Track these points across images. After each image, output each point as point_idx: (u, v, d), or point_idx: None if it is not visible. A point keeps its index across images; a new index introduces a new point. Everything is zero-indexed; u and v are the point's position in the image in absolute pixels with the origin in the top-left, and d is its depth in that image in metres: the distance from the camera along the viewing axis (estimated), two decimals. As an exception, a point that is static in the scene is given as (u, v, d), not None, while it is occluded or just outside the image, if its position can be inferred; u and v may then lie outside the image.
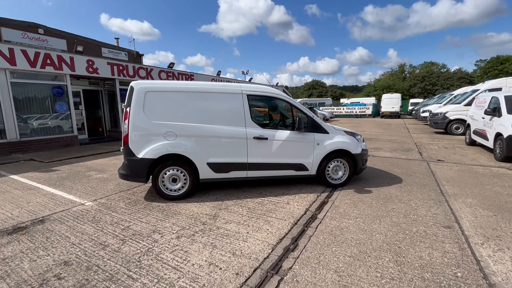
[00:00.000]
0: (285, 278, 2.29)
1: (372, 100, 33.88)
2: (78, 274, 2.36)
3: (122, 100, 11.46)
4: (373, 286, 2.15)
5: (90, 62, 9.91)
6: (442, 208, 3.75)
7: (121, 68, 11.01)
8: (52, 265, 2.51)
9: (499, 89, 11.10)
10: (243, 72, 36.51)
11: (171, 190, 4.18)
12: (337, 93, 63.29)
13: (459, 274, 2.29)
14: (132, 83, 4.08)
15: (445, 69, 54.42)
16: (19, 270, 2.44)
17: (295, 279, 2.26)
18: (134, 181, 4.20)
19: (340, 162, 4.73)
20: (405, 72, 60.66)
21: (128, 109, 4.00)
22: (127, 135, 3.99)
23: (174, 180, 4.18)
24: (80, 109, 10.59)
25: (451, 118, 12.34)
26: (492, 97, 7.97)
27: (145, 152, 3.98)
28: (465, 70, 49.80)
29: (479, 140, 8.43)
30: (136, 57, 21.15)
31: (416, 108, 25.48)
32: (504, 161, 6.57)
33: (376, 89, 47.16)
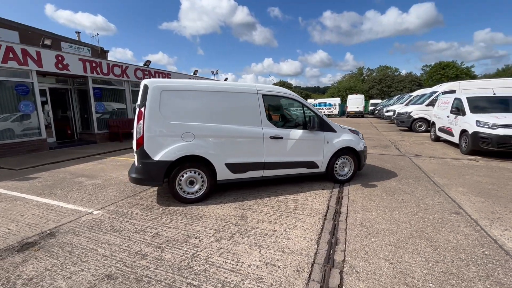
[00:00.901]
0: (344, 270, 2.39)
1: (337, 100, 35.83)
2: (130, 287, 2.19)
3: (96, 100, 10.58)
4: (425, 269, 2.36)
5: (60, 58, 8.93)
6: (442, 197, 4.20)
7: (94, 65, 10.11)
8: (94, 280, 2.28)
9: (453, 91, 12.65)
10: (212, 72, 36.04)
11: (188, 193, 4.03)
12: (303, 94, 65.74)
13: (486, 252, 2.63)
14: (145, 82, 3.84)
15: (397, 73, 59.95)
16: (56, 289, 2.18)
17: (354, 270, 2.38)
18: (149, 185, 3.97)
19: (346, 159, 5.01)
20: (364, 75, 65.43)
21: (142, 109, 3.76)
22: (142, 137, 3.75)
23: (191, 183, 4.04)
24: (46, 110, 9.50)
25: (415, 117, 13.70)
26: (455, 99, 9.05)
27: (162, 154, 3.79)
28: (414, 74, 55.43)
29: (444, 136, 9.50)
30: (100, 53, 19.54)
31: (378, 108, 27.71)
32: (470, 154, 7.53)
33: (340, 90, 50.06)
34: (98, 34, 23.94)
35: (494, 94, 8.45)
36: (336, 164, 4.92)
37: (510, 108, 8.05)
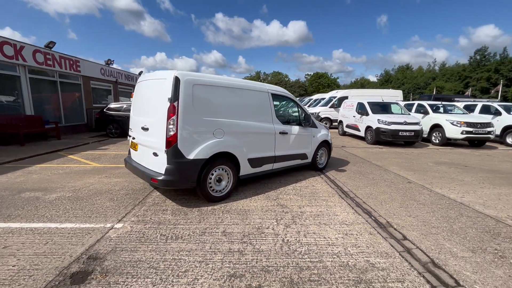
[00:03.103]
0: (395, 227, 3.25)
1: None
2: (265, 277, 2.26)
3: (-24, 88, 7.49)
4: (433, 217, 3.53)
5: None
6: (392, 173, 5.84)
7: (-28, 38, 7.08)
8: (222, 283, 2.18)
9: (346, 97, 16.41)
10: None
11: (216, 191, 3.94)
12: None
13: (447, 202, 4.12)
14: (175, 73, 3.47)
15: (287, 79, 69.72)
16: (195, 301, 1.98)
17: (400, 226, 3.28)
18: (182, 187, 3.63)
19: (323, 150, 6.04)
20: (261, 78, 72.30)
21: (175, 104, 3.40)
22: (175, 134, 3.39)
23: (218, 180, 3.97)
24: None
25: (322, 116, 16.85)
26: (358, 103, 11.95)
27: (197, 152, 3.57)
28: (301, 81, 66.02)
29: (351, 131, 12.35)
30: None
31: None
32: (374, 144, 10.28)
33: (243, 91, 53.46)
34: None
35: (383, 100, 11.77)
36: (317, 154, 5.87)
37: (389, 110, 11.47)
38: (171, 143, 3.41)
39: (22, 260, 2.44)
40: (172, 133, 3.40)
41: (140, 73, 18.89)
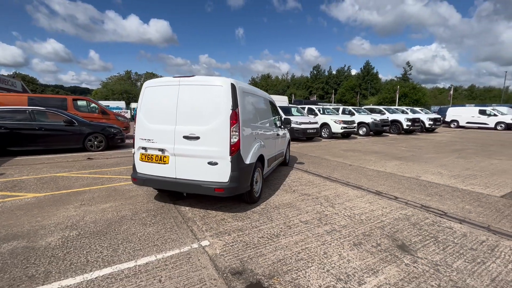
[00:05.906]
0: (386, 193, 4.77)
1: (122, 103, 34.50)
2: (371, 239, 3.06)
3: None
4: (394, 183, 5.38)
5: None
6: (333, 161, 7.72)
7: None
8: (358, 251, 2.81)
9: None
10: None
11: (255, 192, 4.15)
12: (61, 92, 52.07)
13: (385, 174, 6.21)
14: (231, 81, 3.45)
15: (163, 81, 66.07)
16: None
17: (386, 191, 4.84)
18: (240, 192, 3.60)
19: (287, 148, 7.13)
20: (132, 78, 64.80)
21: (236, 111, 3.42)
22: (238, 141, 3.43)
23: (255, 182, 4.20)
24: None
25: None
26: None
27: (250, 156, 3.73)
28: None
29: (265, 131, 14.19)
30: None
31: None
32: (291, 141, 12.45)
33: (114, 93, 46.27)
34: None
35: (288, 105, 14.27)
36: (286, 152, 6.89)
37: (291, 112, 14.11)
38: (234, 149, 3.42)
39: (166, 302, 2.02)
40: (235, 139, 3.42)
41: (14, 73, 13.06)
